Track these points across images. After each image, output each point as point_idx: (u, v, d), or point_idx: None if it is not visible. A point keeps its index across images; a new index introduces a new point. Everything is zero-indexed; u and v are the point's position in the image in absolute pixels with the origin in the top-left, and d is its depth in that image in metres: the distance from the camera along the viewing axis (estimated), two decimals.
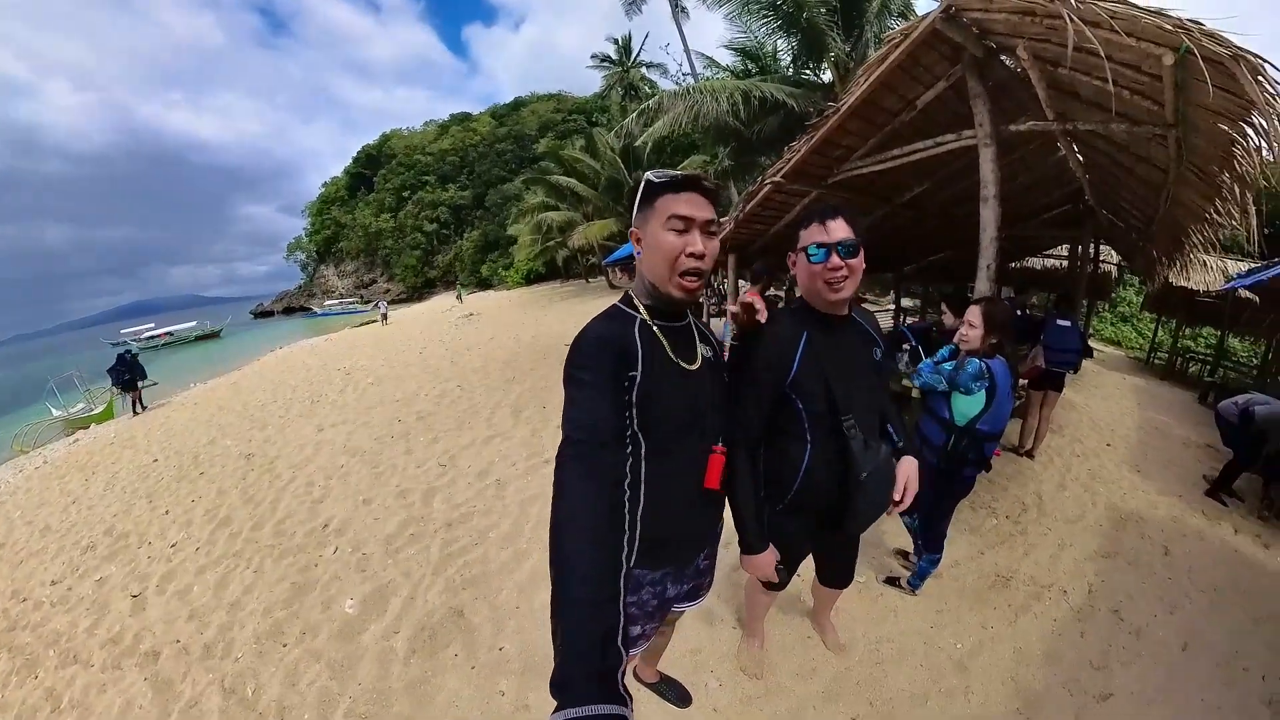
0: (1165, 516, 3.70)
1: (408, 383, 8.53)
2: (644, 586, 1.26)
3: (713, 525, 1.37)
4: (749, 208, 4.37)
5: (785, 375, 1.36)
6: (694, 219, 1.07)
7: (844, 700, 2.09)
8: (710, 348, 1.30)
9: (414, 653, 2.47)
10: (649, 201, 1.10)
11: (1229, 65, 1.68)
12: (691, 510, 1.24)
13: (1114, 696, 2.18)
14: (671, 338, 1.17)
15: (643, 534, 1.18)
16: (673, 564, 1.28)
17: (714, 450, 1.22)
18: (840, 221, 1.29)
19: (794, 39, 9.47)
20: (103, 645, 2.95)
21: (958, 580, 2.83)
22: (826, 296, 1.32)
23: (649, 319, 1.16)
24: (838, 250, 1.27)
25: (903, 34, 2.63)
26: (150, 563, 3.76)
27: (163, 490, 5.24)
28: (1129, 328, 12.88)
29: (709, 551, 1.42)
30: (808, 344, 1.36)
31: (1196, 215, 3.13)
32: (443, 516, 3.76)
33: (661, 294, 1.14)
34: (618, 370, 1.06)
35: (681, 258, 1.08)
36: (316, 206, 58.31)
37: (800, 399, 1.38)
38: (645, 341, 1.12)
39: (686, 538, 1.29)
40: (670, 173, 1.09)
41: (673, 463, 1.17)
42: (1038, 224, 6.52)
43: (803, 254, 1.32)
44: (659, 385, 1.11)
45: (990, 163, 2.79)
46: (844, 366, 1.39)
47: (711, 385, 1.25)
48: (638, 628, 1.31)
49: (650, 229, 1.10)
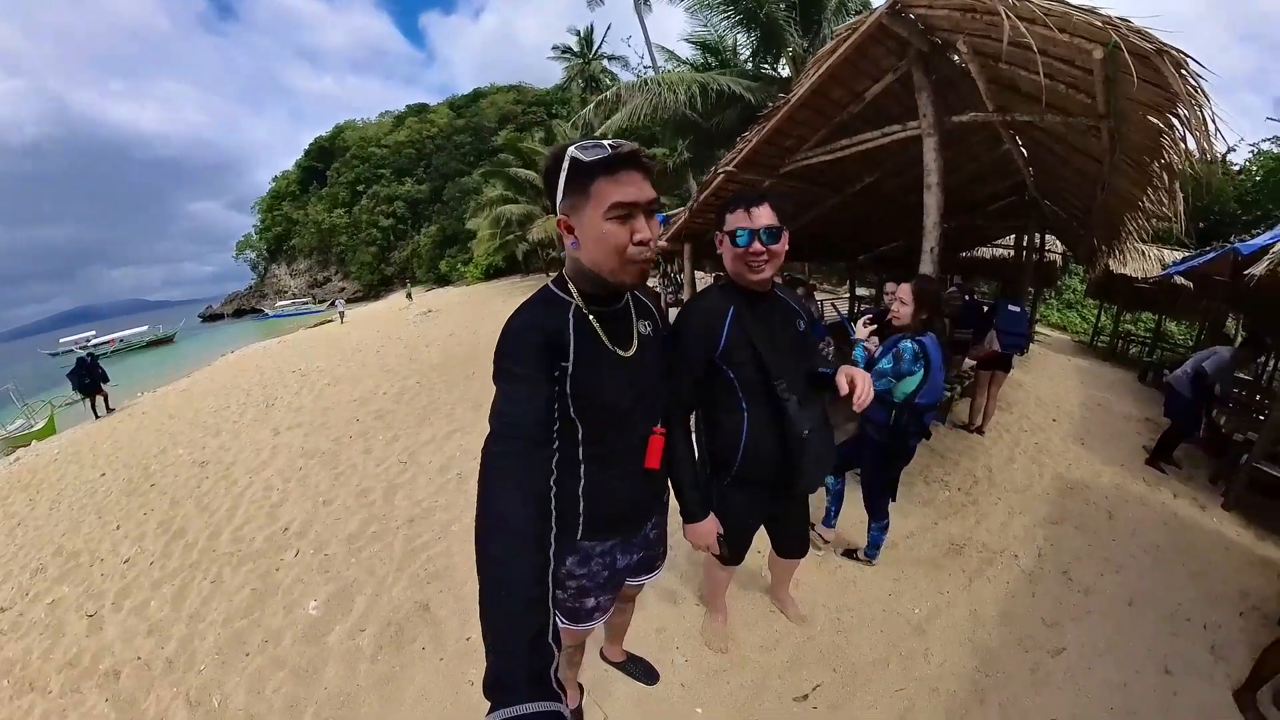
0: (1109, 484, 3.96)
1: (365, 382, 8.35)
2: (593, 558, 1.26)
3: (658, 496, 1.38)
4: (704, 197, 4.46)
5: (715, 346, 1.43)
6: (637, 203, 0.96)
7: (808, 668, 2.17)
8: (650, 322, 1.26)
9: (381, 649, 2.43)
10: (580, 187, 0.95)
11: (1154, 60, 1.80)
12: (635, 488, 1.24)
13: (1066, 651, 2.33)
14: (607, 324, 1.11)
15: (586, 509, 1.17)
16: (619, 535, 1.28)
17: (654, 432, 1.22)
18: (765, 208, 1.34)
19: (753, 34, 9.58)
20: (60, 669, 2.78)
21: (913, 550, 2.97)
22: (749, 277, 1.40)
23: (584, 306, 1.09)
24: (760, 236, 1.33)
25: (850, 29, 2.73)
26: (104, 580, 3.57)
27: (112, 505, 4.95)
28: (1074, 313, 13.73)
29: (657, 520, 1.42)
30: (735, 317, 1.43)
31: (1130, 204, 3.34)
32: (405, 513, 3.71)
33: (610, 283, 1.05)
34: (548, 362, 1.01)
35: (630, 247, 0.98)
36: (266, 202, 55.40)
37: (731, 369, 1.45)
38: (578, 329, 1.06)
39: (632, 511, 1.29)
40: (599, 144, 0.91)
41: (612, 446, 1.16)
42: (985, 215, 6.85)
43: (728, 237, 1.38)
44: (593, 376, 1.07)
45: (933, 152, 2.91)
46: (770, 336, 1.46)
47: (650, 367, 1.21)
48: (592, 599, 1.31)
49: (587, 220, 0.97)
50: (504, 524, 0.85)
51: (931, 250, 3.00)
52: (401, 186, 45.06)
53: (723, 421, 1.51)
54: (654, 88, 9.00)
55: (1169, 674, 2.23)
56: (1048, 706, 2.05)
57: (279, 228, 53.23)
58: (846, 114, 3.50)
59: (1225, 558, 3.11)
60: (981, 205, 6.64)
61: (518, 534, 0.84)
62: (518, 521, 0.85)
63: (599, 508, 1.18)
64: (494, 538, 0.84)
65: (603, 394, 1.09)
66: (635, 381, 1.15)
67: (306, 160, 53.02)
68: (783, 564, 2.16)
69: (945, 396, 4.82)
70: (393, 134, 48.59)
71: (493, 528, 0.85)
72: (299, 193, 52.86)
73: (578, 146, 0.92)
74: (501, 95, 47.67)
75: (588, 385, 1.06)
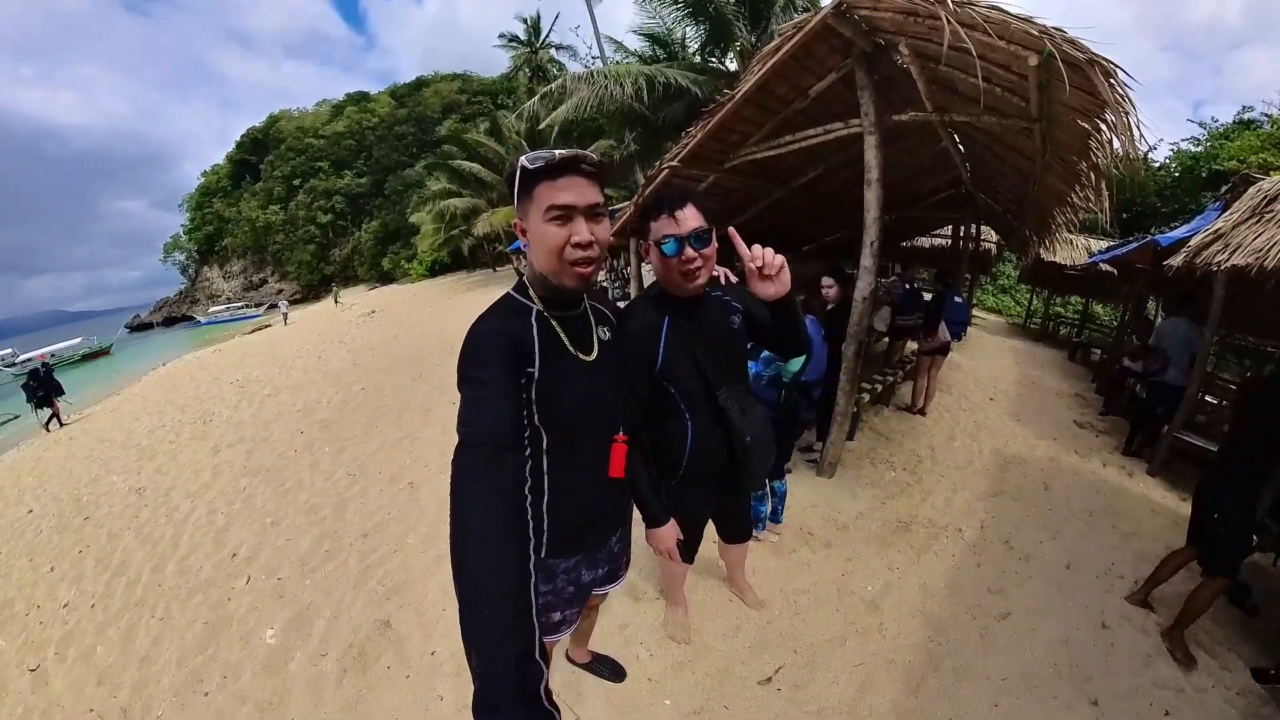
0: (1043, 457, 4.27)
1: (308, 391, 8.02)
2: (558, 575, 1.26)
3: (622, 508, 1.38)
4: (649, 192, 4.46)
5: (653, 365, 1.39)
6: (575, 206, 0.99)
7: (769, 652, 2.26)
8: (608, 328, 1.26)
9: (345, 673, 2.36)
10: (527, 191, 1.00)
11: (1085, 68, 1.92)
12: (599, 497, 1.24)
13: (1012, 614, 2.51)
14: (568, 328, 1.14)
15: (550, 525, 1.16)
16: (585, 550, 1.28)
17: (616, 440, 1.21)
18: (690, 209, 1.26)
19: (702, 27, 9.63)
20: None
21: (864, 530, 3.13)
22: (684, 286, 1.33)
23: (545, 310, 1.11)
24: (690, 242, 1.25)
25: (796, 27, 2.77)
26: (43, 629, 3.28)
27: (43, 545, 4.55)
28: (1008, 298, 14.69)
29: (622, 533, 1.43)
30: (670, 329, 1.39)
31: (1060, 199, 3.57)
32: (357, 527, 3.61)
33: (554, 285, 1.08)
34: (514, 367, 1.01)
35: (568, 249, 1.00)
36: (195, 199, 51.35)
37: (671, 382, 1.42)
38: (542, 334, 1.08)
39: (597, 523, 1.29)
40: (544, 155, 0.97)
41: (576, 454, 1.15)
42: (924, 207, 7.18)
43: (656, 247, 1.30)
44: (558, 381, 1.07)
45: (874, 149, 3.02)
46: (709, 343, 1.43)
47: (611, 372, 1.22)
48: (558, 614, 1.31)
49: (531, 220, 1.02)
50: (481, 536, 0.81)
51: (871, 244, 3.12)
52: (341, 180, 42.75)
53: (668, 427, 1.51)
54: (601, 80, 8.93)
55: (1106, 628, 2.45)
56: (998, 667, 2.22)
57: (210, 227, 49.56)
58: (791, 110, 3.58)
59: (1152, 519, 3.42)
60: (921, 198, 6.96)
61: (496, 546, 0.81)
62: (495, 533, 0.82)
63: (563, 522, 1.18)
64: (471, 551, 0.80)
65: (567, 400, 1.09)
66: (596, 387, 1.16)
67: (238, 153, 49.48)
68: (733, 550, 2.24)
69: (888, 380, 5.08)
70: (331, 124, 45.93)
71: (469, 541, 0.81)
72: (230, 188, 49.33)
73: (526, 156, 0.98)
74: (446, 84, 45.87)
75: (553, 391, 1.06)
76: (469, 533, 0.82)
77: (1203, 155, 12.05)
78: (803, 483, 3.59)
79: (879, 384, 4.73)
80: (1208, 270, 3.13)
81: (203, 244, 50.59)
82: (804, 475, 3.72)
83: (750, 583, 2.54)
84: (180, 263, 53.92)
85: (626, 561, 1.54)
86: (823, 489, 3.54)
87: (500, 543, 0.82)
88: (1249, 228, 2.93)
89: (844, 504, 3.37)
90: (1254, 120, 12.31)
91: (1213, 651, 2.33)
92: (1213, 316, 3.63)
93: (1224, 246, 3.03)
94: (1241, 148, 11.14)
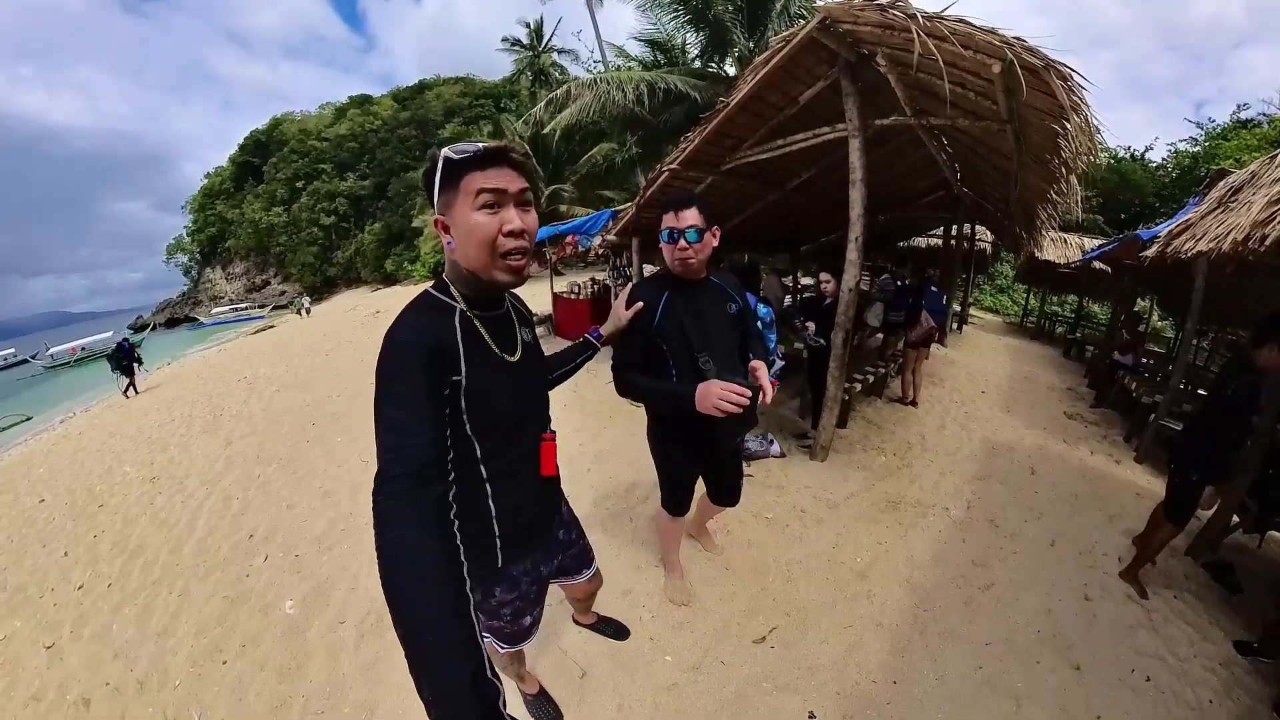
0: (1031, 445, 4.40)
1: (317, 387, 8.17)
2: (521, 579, 1.27)
3: (557, 503, 1.43)
4: (649, 194, 4.65)
5: (650, 324, 1.70)
6: (506, 190, 0.96)
7: (763, 615, 2.41)
8: (529, 329, 1.26)
9: (363, 637, 2.50)
10: (451, 183, 0.96)
11: (1042, 74, 2.11)
12: (536, 496, 1.25)
13: (995, 585, 2.64)
14: (492, 328, 1.10)
15: (501, 533, 1.17)
16: (537, 547, 1.31)
17: (544, 439, 1.23)
18: (692, 210, 1.58)
19: (702, 33, 9.85)
20: (25, 705, 2.64)
21: (854, 508, 3.27)
22: (678, 269, 1.68)
23: (468, 310, 1.06)
24: (685, 235, 1.58)
25: (785, 40, 2.98)
26: (58, 610, 3.39)
27: (56, 531, 4.67)
28: (1005, 297, 14.84)
29: (559, 520, 1.45)
30: (668, 302, 1.70)
31: (1041, 196, 3.76)
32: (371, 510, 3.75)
33: (484, 282, 1.03)
34: (437, 378, 0.95)
35: (500, 238, 0.97)
36: (198, 201, 51.49)
37: (664, 343, 1.72)
38: (466, 336, 1.03)
39: (539, 520, 1.31)
40: (470, 146, 0.95)
41: (511, 458, 1.15)
42: (917, 207, 7.36)
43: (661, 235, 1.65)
44: (486, 384, 1.03)
45: (858, 152, 3.21)
46: (700, 317, 1.72)
47: (534, 373, 1.23)
48: (528, 618, 1.34)
49: (457, 213, 0.97)
50: (412, 569, 0.78)
51: (856, 240, 3.31)
52: (343, 182, 43.00)
53: None
54: (603, 85, 9.13)
55: (1088, 600, 2.57)
56: (981, 633, 2.34)
57: (212, 228, 49.76)
58: (782, 116, 3.77)
59: (1137, 503, 3.52)
60: (914, 199, 7.14)
61: (429, 576, 0.77)
62: (428, 565, 0.78)
63: (511, 525, 1.18)
64: (405, 586, 0.76)
65: (495, 403, 1.06)
66: (522, 388, 1.15)
67: (242, 155, 49.70)
68: (712, 508, 2.40)
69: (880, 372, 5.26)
70: (334, 127, 46.20)
71: (401, 576, 0.77)
72: (234, 190, 49.51)
73: (450, 147, 0.96)
74: (448, 87, 46.16)
75: (480, 395, 1.03)
76: (400, 568, 0.78)
77: (1200, 155, 12.21)
78: (796, 466, 3.75)
79: (871, 375, 4.89)
80: (1178, 258, 3.29)
81: (205, 245, 50.76)
82: (798, 459, 3.87)
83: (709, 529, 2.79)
84: (183, 264, 54.11)
85: (584, 544, 1.60)
86: (816, 472, 3.69)
87: (434, 572, 0.78)
88: (1214, 217, 3.08)
89: (836, 485, 3.51)
90: (1251, 120, 12.48)
91: (1196, 625, 2.43)
92: (1194, 307, 3.76)
93: (1191, 235, 3.19)
94: (1238, 147, 11.28)
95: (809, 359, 4.11)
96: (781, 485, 3.43)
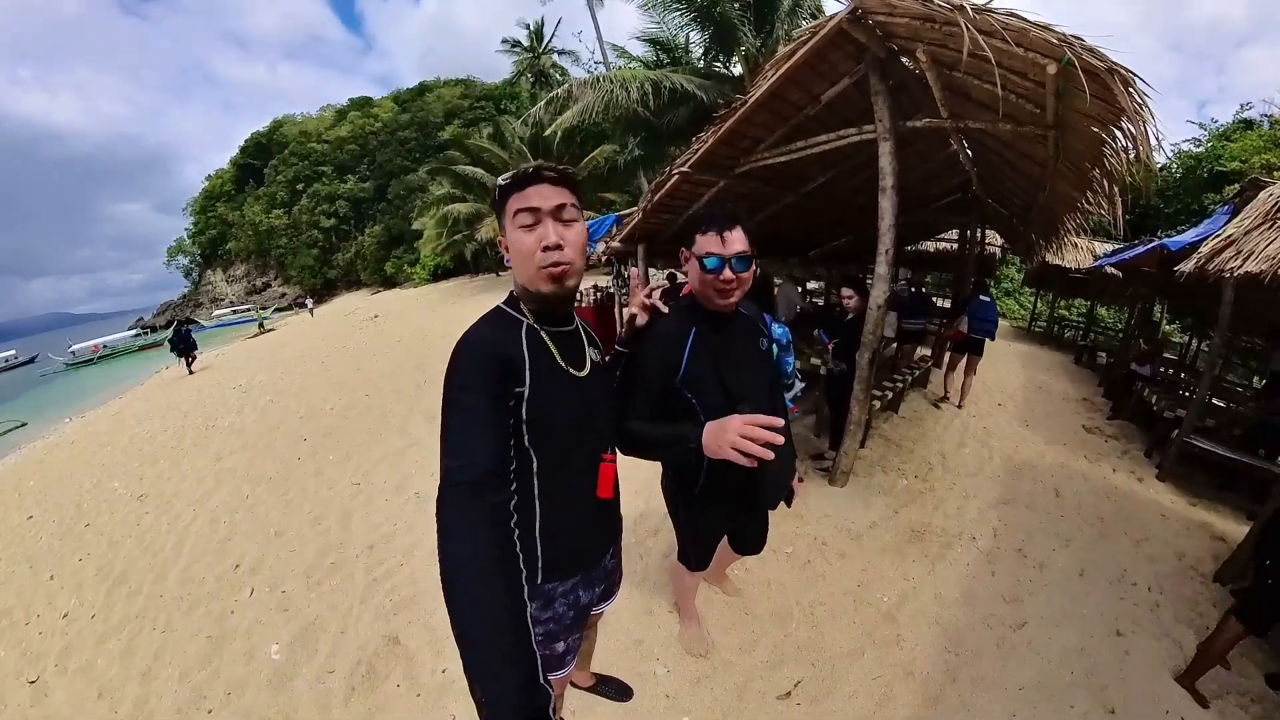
0: (1053, 463, 4.25)
1: (312, 396, 7.98)
2: (556, 599, 1.21)
3: (613, 525, 1.36)
4: (657, 197, 4.41)
5: (675, 374, 1.37)
6: (540, 209, 1.02)
7: (788, 666, 2.22)
8: (598, 351, 1.28)
9: (353, 690, 2.31)
10: (502, 207, 1.06)
11: (1104, 77, 1.90)
12: (590, 519, 1.22)
13: (1027, 624, 2.49)
14: (560, 343, 1.14)
15: (545, 549, 1.14)
16: (582, 570, 1.25)
17: (604, 459, 1.20)
18: (738, 232, 1.32)
19: (706, 32, 9.64)
20: None
21: (877, 540, 3.09)
22: (716, 302, 1.36)
23: (536, 324, 1.11)
24: (731, 264, 1.30)
25: (811, 32, 2.73)
26: (43, 639, 3.24)
27: (44, 552, 4.51)
28: (1012, 301, 14.65)
29: (614, 549, 1.40)
30: (696, 340, 1.39)
31: (1069, 205, 3.55)
32: (363, 539, 3.55)
33: (535, 294, 1.09)
34: (503, 389, 0.99)
35: (538, 253, 1.02)
36: (199, 203, 51.59)
37: (693, 394, 1.38)
38: (533, 348, 1.07)
39: (590, 542, 1.27)
40: (512, 172, 1.05)
41: (567, 475, 1.14)
42: (931, 211, 7.15)
43: (697, 260, 1.34)
44: (550, 397, 1.06)
45: (889, 156, 2.99)
46: (734, 358, 1.42)
47: (601, 392, 1.24)
48: (561, 644, 1.26)
49: (507, 233, 1.06)
50: (473, 573, 0.82)
51: (886, 253, 3.09)
52: (344, 185, 42.87)
53: None
54: (606, 85, 8.94)
55: (1120, 635, 2.44)
56: (1015, 677, 2.19)
57: (213, 230, 49.81)
58: (803, 116, 3.54)
59: (1162, 524, 3.40)
60: (929, 202, 6.92)
61: (488, 581, 0.82)
62: (486, 568, 0.83)
63: (558, 545, 1.16)
64: (465, 589, 0.81)
65: (558, 417, 1.08)
66: (587, 406, 1.15)
67: (243, 157, 49.69)
68: (733, 555, 2.14)
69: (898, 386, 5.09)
70: (334, 129, 46.10)
71: (461, 578, 0.82)
72: (234, 192, 49.54)
73: (502, 176, 1.05)
74: (449, 89, 46.02)
75: (544, 408, 1.05)
76: (460, 572, 0.83)
77: (1204, 156, 12.01)
78: (815, 492, 3.55)
79: (889, 390, 4.70)
80: (1219, 277, 3.10)
81: (206, 247, 50.83)
82: (816, 485, 3.68)
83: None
84: (184, 266, 54.15)
85: (619, 578, 1.51)
86: (835, 499, 3.50)
87: (491, 576, 0.83)
88: (1261, 234, 2.90)
89: (857, 514, 3.33)
90: (1253, 119, 12.28)
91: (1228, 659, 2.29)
92: (1221, 322, 3.59)
93: (1237, 253, 3.00)
94: (1243, 148, 11.09)
95: (827, 378, 3.91)
96: (800, 514, 3.23)
